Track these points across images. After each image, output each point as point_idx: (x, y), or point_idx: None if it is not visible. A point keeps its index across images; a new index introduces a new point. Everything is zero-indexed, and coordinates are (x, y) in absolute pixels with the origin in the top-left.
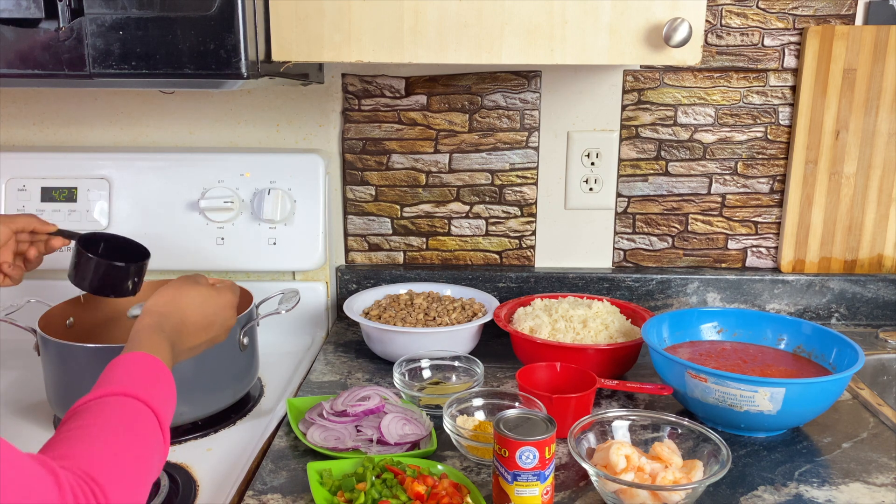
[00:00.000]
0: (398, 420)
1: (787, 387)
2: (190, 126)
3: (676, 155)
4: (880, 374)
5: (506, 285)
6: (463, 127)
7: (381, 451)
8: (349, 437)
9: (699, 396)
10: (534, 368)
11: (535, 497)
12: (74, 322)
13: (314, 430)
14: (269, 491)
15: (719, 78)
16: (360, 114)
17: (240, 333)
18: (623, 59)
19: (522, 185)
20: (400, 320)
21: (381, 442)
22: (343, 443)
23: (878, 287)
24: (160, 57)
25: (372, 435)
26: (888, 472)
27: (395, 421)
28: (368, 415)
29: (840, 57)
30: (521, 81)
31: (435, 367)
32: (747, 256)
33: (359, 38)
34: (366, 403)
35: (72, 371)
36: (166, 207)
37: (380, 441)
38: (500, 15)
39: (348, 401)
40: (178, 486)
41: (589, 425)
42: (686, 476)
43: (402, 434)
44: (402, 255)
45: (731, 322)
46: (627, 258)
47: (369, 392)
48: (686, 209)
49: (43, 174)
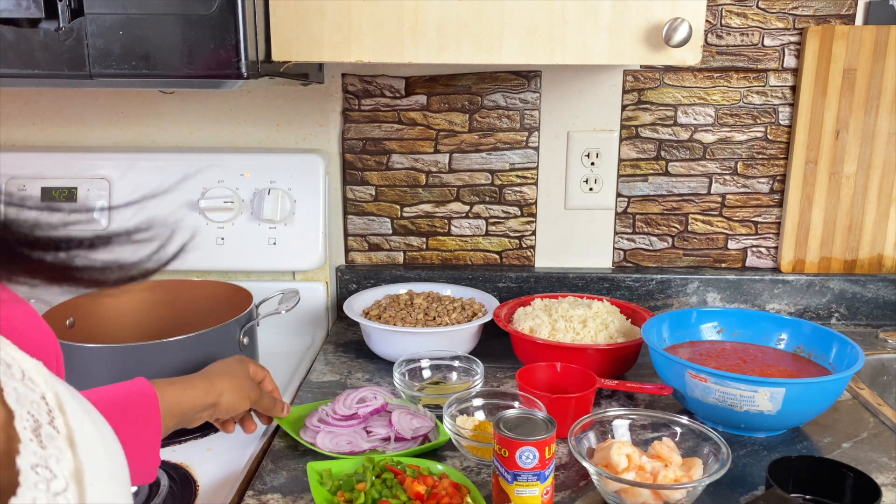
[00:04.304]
0: (406, 415)
1: (787, 387)
2: (190, 126)
3: (676, 155)
4: (880, 374)
5: (506, 285)
6: (463, 127)
7: (398, 447)
8: (362, 439)
9: (699, 396)
10: (534, 368)
11: (535, 497)
12: (74, 322)
13: (323, 437)
14: (269, 491)
15: (719, 78)
16: (360, 114)
17: (240, 333)
18: (623, 59)
19: (522, 185)
20: (400, 320)
21: (399, 439)
22: (358, 446)
23: (878, 287)
24: (160, 57)
25: (386, 433)
26: (888, 472)
27: (404, 416)
28: (374, 414)
29: (840, 57)
30: (521, 81)
31: (435, 367)
32: (747, 256)
33: (359, 38)
34: (371, 403)
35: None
36: (166, 207)
37: (397, 438)
38: (500, 15)
39: (349, 403)
40: (178, 485)
41: (589, 425)
42: (686, 474)
43: (414, 428)
44: (402, 255)
45: (731, 322)
46: (627, 258)
47: (367, 392)
48: (686, 209)
49: (43, 174)
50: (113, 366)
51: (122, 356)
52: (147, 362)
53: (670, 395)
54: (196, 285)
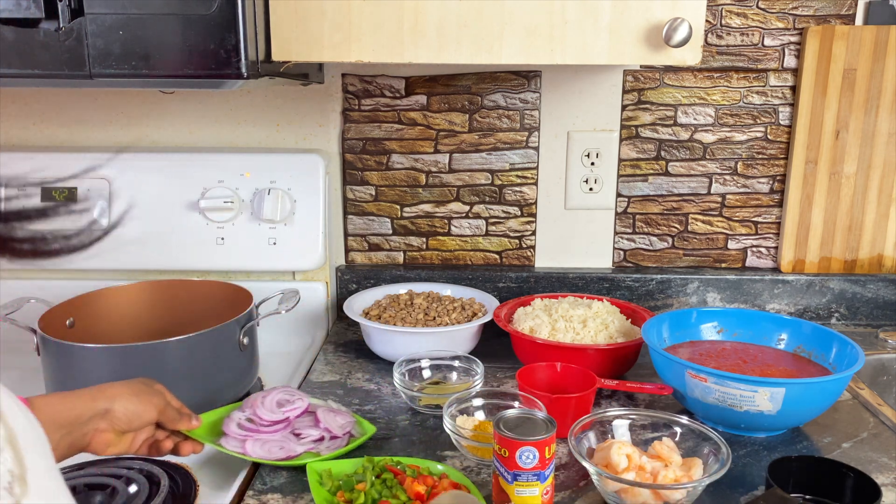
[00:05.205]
0: (329, 413)
1: (787, 387)
2: (190, 126)
3: (676, 155)
4: (880, 374)
5: (506, 285)
6: (463, 127)
7: (331, 446)
8: (294, 443)
9: (699, 396)
10: (534, 368)
11: (535, 497)
12: (74, 322)
13: (252, 445)
14: (269, 491)
15: (719, 78)
16: (360, 114)
17: (240, 333)
18: (623, 59)
19: (522, 185)
20: (400, 320)
21: (333, 437)
22: (293, 450)
23: (878, 287)
24: (160, 57)
25: (318, 434)
26: (888, 471)
27: (329, 414)
28: (302, 416)
29: (840, 57)
30: (521, 81)
31: (435, 367)
32: (747, 256)
33: (359, 38)
34: (297, 405)
35: (72, 371)
36: (166, 207)
37: (332, 437)
38: (500, 15)
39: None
40: (178, 486)
41: (589, 425)
42: (686, 474)
43: (341, 425)
44: (402, 255)
45: (731, 322)
46: (627, 258)
47: (283, 394)
48: (686, 209)
49: (43, 174)
50: (113, 366)
51: (122, 356)
52: (147, 362)
53: (670, 395)
54: (196, 285)
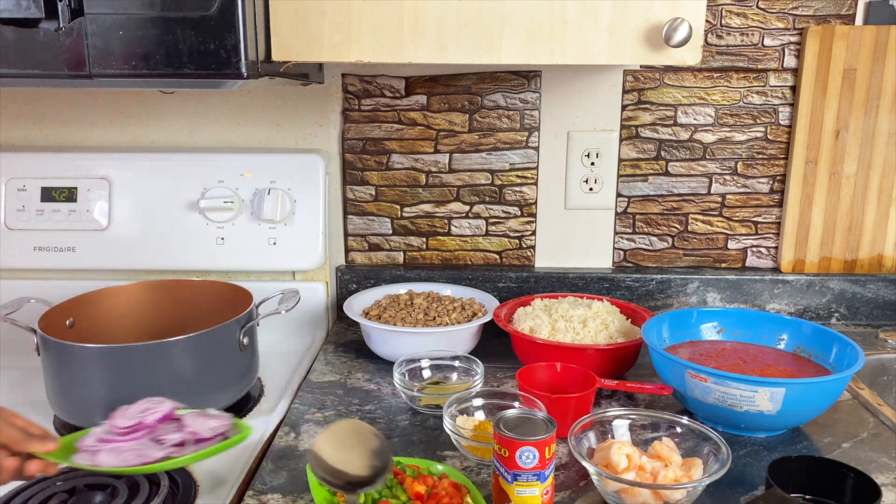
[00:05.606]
0: (200, 417)
1: (787, 387)
2: (190, 126)
3: (676, 155)
4: (880, 374)
5: (506, 285)
6: (463, 127)
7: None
8: (152, 448)
9: (699, 396)
10: (534, 368)
11: (535, 497)
12: (74, 322)
13: (106, 456)
14: (269, 491)
15: (719, 78)
16: (360, 114)
17: (240, 333)
18: (623, 59)
19: (522, 185)
20: (400, 320)
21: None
22: (150, 456)
23: (878, 287)
24: (160, 57)
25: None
26: (888, 471)
27: (198, 418)
28: (164, 422)
29: (840, 57)
30: (521, 81)
31: (435, 367)
32: (747, 256)
33: (359, 38)
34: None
35: (72, 371)
36: (166, 207)
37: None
38: (500, 15)
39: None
40: (178, 486)
41: (589, 425)
42: (686, 474)
43: (212, 427)
44: (402, 255)
45: (731, 322)
46: (627, 258)
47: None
48: (686, 209)
49: (43, 174)
50: (113, 366)
51: (122, 356)
52: (147, 362)
53: (670, 395)
54: (196, 285)
